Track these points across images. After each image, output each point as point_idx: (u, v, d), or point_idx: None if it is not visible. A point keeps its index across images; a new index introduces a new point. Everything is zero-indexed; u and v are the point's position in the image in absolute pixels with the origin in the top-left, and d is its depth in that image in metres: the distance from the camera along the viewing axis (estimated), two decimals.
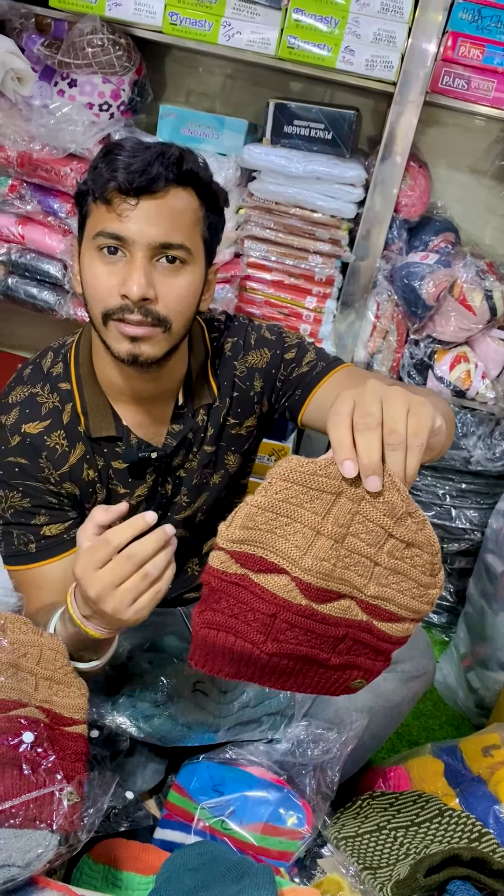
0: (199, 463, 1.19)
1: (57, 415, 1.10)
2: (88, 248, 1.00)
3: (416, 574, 0.79)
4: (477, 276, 1.79)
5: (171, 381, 1.13)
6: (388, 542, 0.78)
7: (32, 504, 1.09)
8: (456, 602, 2.09)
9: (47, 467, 1.09)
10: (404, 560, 0.78)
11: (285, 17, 1.64)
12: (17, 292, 1.92)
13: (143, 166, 0.94)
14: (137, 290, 0.95)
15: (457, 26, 1.62)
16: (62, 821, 0.78)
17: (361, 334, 1.90)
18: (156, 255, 0.98)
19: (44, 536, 1.09)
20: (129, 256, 0.97)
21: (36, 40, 1.77)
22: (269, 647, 0.80)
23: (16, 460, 1.08)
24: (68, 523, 1.11)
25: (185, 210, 0.99)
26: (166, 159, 0.96)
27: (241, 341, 1.21)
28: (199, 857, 0.96)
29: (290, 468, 0.76)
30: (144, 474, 1.15)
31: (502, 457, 1.91)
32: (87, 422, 1.10)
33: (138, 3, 1.69)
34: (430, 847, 1.05)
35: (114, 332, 1.00)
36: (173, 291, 0.99)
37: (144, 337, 0.99)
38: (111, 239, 0.97)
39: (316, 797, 1.08)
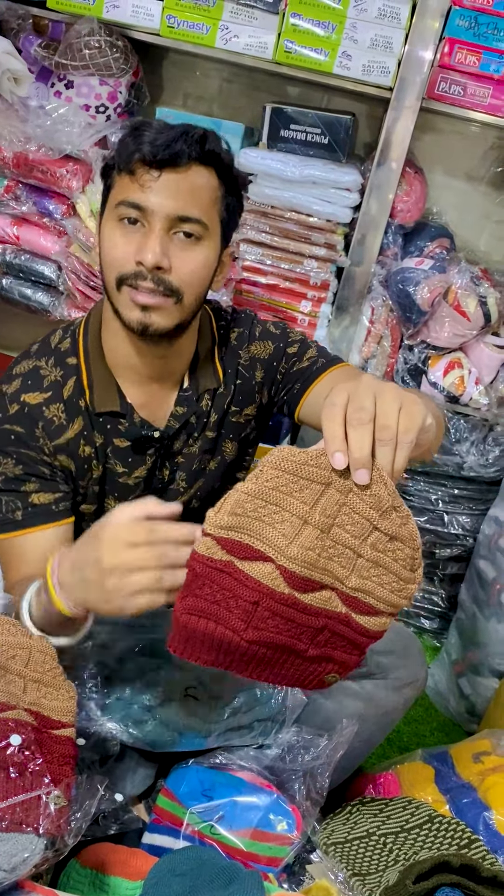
0: (200, 448, 1.19)
1: (58, 388, 1.11)
2: (109, 217, 1.03)
3: (397, 568, 0.80)
4: (471, 282, 1.79)
5: (178, 363, 1.14)
6: (373, 534, 0.78)
7: (24, 472, 1.08)
8: (448, 608, 2.09)
9: (42, 437, 1.09)
10: (387, 553, 0.79)
11: (283, 22, 1.65)
12: (12, 293, 1.92)
13: (167, 141, 0.98)
14: (152, 257, 0.99)
15: (453, 33, 1.63)
16: (49, 825, 0.77)
17: (356, 339, 1.90)
18: (173, 227, 1.01)
19: (31, 504, 1.07)
20: (147, 227, 1.01)
21: (33, 41, 1.77)
22: (249, 634, 0.80)
23: (12, 428, 1.08)
24: (58, 495, 1.09)
25: (205, 187, 1.02)
26: (190, 137, 0.99)
27: (247, 332, 1.22)
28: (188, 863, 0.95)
29: (281, 457, 0.77)
30: (145, 455, 1.15)
31: (495, 462, 1.92)
32: (91, 396, 1.11)
33: (136, 6, 1.69)
34: (420, 853, 1.04)
35: (126, 298, 1.03)
36: (187, 264, 1.02)
37: (155, 306, 1.02)
38: (131, 208, 1.00)
39: (305, 803, 1.07)
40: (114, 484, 1.16)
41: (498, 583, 1.77)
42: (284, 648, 0.82)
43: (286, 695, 1.11)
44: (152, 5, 1.69)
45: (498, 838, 1.12)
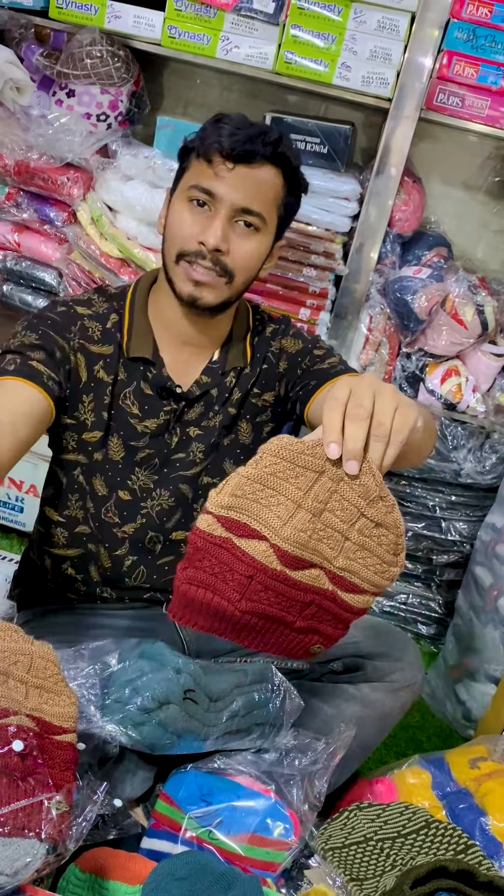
0: (220, 423, 1.25)
1: (103, 317, 1.21)
2: (181, 196, 1.15)
3: (381, 552, 0.87)
4: (469, 291, 1.81)
5: (214, 335, 1.24)
6: (360, 520, 0.85)
7: (39, 343, 1.14)
8: (445, 614, 2.10)
9: (76, 334, 1.18)
10: (372, 538, 0.86)
11: (283, 33, 1.66)
12: (12, 299, 1.93)
13: (246, 138, 1.09)
14: (214, 240, 1.10)
15: (452, 45, 1.65)
16: (51, 830, 0.78)
17: (354, 346, 1.91)
18: (236, 216, 1.12)
19: (27, 364, 1.10)
20: (213, 211, 1.12)
21: (35, 50, 1.79)
22: (243, 605, 0.86)
23: (52, 316, 1.18)
24: (53, 374, 1.12)
25: (270, 185, 1.13)
26: (267, 138, 1.11)
27: (282, 328, 1.32)
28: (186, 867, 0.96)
29: (280, 445, 0.84)
30: (160, 410, 1.22)
31: (492, 469, 1.93)
32: (128, 342, 1.20)
33: (137, 16, 1.71)
34: (417, 858, 1.05)
35: (182, 272, 1.14)
36: (243, 250, 1.13)
37: (208, 284, 1.13)
38: (203, 193, 1.11)
39: (303, 807, 1.08)
40: (123, 422, 1.21)
41: (495, 589, 1.78)
42: (274, 619, 0.88)
43: (284, 699, 1.12)
44: (154, 16, 1.70)
45: (494, 843, 1.12)
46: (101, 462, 1.22)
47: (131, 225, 1.81)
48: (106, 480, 1.23)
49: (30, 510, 2.07)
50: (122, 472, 1.23)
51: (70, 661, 1.07)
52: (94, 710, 1.01)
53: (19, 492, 2.06)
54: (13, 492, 2.06)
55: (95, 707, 1.02)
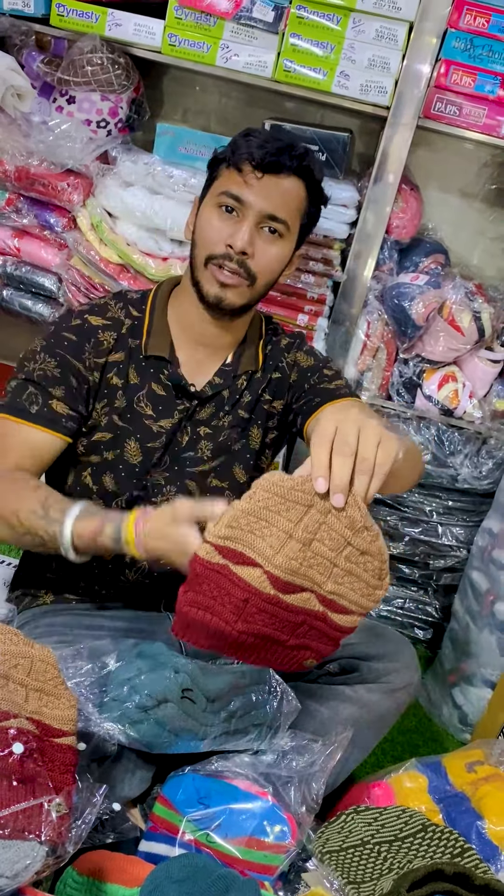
0: (230, 423, 1.30)
1: (117, 324, 1.27)
2: (210, 202, 1.22)
3: (367, 577, 0.94)
4: (466, 298, 1.82)
5: (229, 338, 1.30)
6: (347, 548, 0.92)
7: (60, 376, 1.20)
8: (441, 618, 2.11)
9: (90, 351, 1.23)
10: (358, 565, 0.93)
11: (282, 42, 1.68)
12: (12, 304, 1.94)
13: (275, 150, 1.17)
14: (241, 243, 1.17)
15: (449, 54, 1.66)
16: (50, 832, 0.79)
17: (352, 352, 1.93)
18: (262, 222, 1.20)
19: (48, 406, 1.19)
20: (240, 217, 1.19)
21: (36, 57, 1.80)
22: (239, 626, 0.92)
23: (68, 335, 1.23)
24: (72, 413, 1.21)
25: (295, 196, 1.21)
26: (294, 152, 1.19)
27: (298, 342, 1.39)
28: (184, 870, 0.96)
29: (272, 482, 0.91)
30: (174, 410, 1.26)
31: (488, 475, 1.94)
32: (147, 340, 1.26)
33: (138, 24, 1.72)
34: (414, 862, 1.05)
35: (209, 275, 1.21)
36: (267, 255, 1.21)
37: (233, 285, 1.20)
38: (232, 199, 1.19)
39: (301, 810, 1.08)
40: (139, 425, 1.26)
41: (491, 594, 1.79)
42: (269, 638, 0.95)
43: (281, 700, 1.13)
44: (154, 24, 1.71)
45: (490, 847, 1.13)
46: (113, 461, 1.26)
47: (131, 231, 1.82)
48: (117, 479, 1.27)
49: None
50: (137, 474, 1.27)
51: (69, 661, 1.08)
52: (93, 708, 1.02)
53: None
54: None
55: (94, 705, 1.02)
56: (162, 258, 1.83)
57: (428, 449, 1.93)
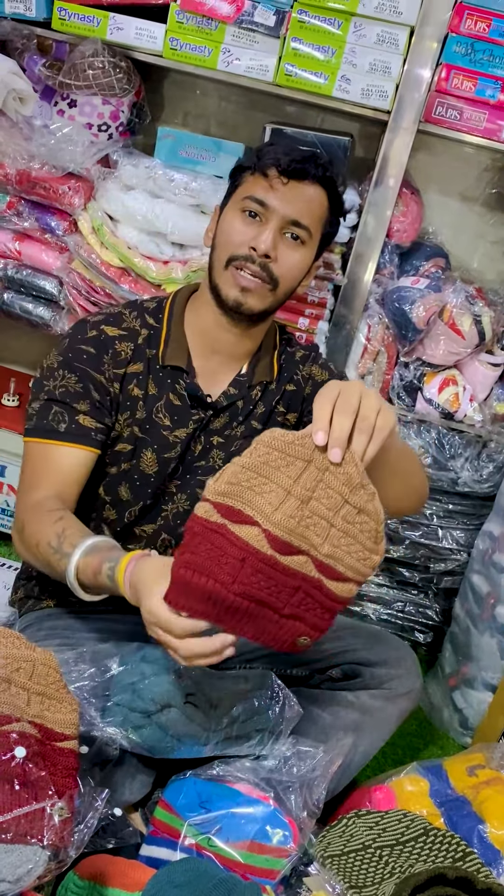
0: (242, 434, 1.30)
1: (134, 334, 1.26)
2: (234, 206, 1.22)
3: (364, 539, 0.95)
4: (466, 301, 1.82)
5: (246, 347, 1.29)
6: (344, 507, 0.93)
7: (83, 391, 1.20)
8: (442, 622, 2.11)
9: (109, 363, 1.23)
10: (355, 525, 0.94)
11: (283, 46, 1.68)
12: (13, 307, 1.94)
13: (300, 157, 1.19)
14: (265, 246, 1.18)
15: (450, 59, 1.66)
16: (52, 836, 0.79)
17: (352, 355, 1.93)
18: (285, 227, 1.20)
19: (76, 423, 1.19)
20: (264, 221, 1.20)
21: (37, 61, 1.80)
22: (235, 587, 0.91)
23: (86, 348, 1.22)
24: (100, 426, 1.22)
25: (318, 203, 1.22)
26: (319, 161, 1.21)
27: (313, 355, 1.39)
28: (186, 874, 0.96)
29: (273, 436, 0.93)
30: (189, 420, 1.27)
31: (489, 478, 1.94)
32: (164, 350, 1.26)
33: (139, 28, 1.72)
34: (415, 866, 1.05)
35: (230, 277, 1.20)
36: (289, 260, 1.21)
37: (254, 289, 1.19)
38: (257, 203, 1.19)
39: (302, 814, 1.08)
40: (157, 435, 1.26)
41: (492, 597, 1.79)
42: (264, 604, 0.93)
43: (283, 706, 1.13)
44: (155, 28, 1.72)
45: (492, 851, 1.13)
46: (129, 471, 1.27)
47: (132, 234, 1.82)
48: (132, 488, 1.28)
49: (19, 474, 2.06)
50: (152, 484, 1.28)
51: (71, 664, 1.08)
52: (95, 712, 1.02)
53: None
54: (11, 499, 2.06)
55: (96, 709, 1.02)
56: (163, 262, 1.83)
57: (428, 452, 1.93)
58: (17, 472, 2.02)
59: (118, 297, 1.85)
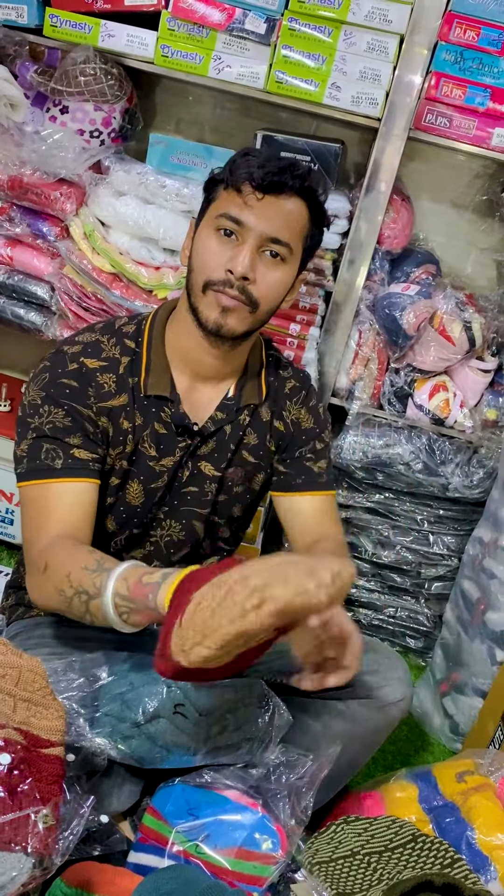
0: (234, 463, 1.28)
1: (115, 364, 1.20)
2: (208, 225, 1.15)
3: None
4: (457, 308, 1.83)
5: (231, 367, 1.25)
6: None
7: (72, 424, 1.15)
8: (432, 627, 2.11)
9: (94, 396, 1.17)
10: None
11: (274, 53, 1.69)
12: (5, 313, 1.94)
13: (276, 169, 1.10)
14: (242, 268, 1.11)
15: (440, 67, 1.68)
16: (37, 843, 0.78)
17: (343, 362, 1.93)
18: (263, 245, 1.13)
19: (72, 457, 1.14)
20: (240, 240, 1.12)
21: (29, 67, 1.80)
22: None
23: (68, 382, 1.16)
24: (95, 456, 1.17)
25: (297, 217, 1.14)
26: (296, 171, 1.12)
27: (304, 394, 1.34)
28: (173, 881, 0.96)
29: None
30: (176, 447, 1.22)
31: (479, 484, 1.95)
32: (146, 379, 1.20)
33: (131, 35, 1.73)
34: (403, 873, 1.05)
35: (210, 300, 1.14)
36: (268, 280, 1.14)
37: (234, 309, 1.13)
38: (231, 221, 1.12)
39: (290, 822, 1.08)
40: (142, 466, 1.22)
41: (482, 603, 1.79)
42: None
43: (273, 714, 1.12)
44: (147, 35, 1.72)
45: (480, 857, 1.13)
46: (114, 504, 1.24)
47: (123, 240, 1.83)
48: (117, 520, 1.26)
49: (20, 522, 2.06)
50: (138, 514, 1.26)
51: (60, 674, 1.07)
52: (84, 722, 1.02)
53: (9, 504, 2.06)
54: (3, 504, 2.06)
55: (85, 720, 1.02)
56: (154, 267, 1.84)
57: (419, 458, 1.94)
58: (8, 477, 2.02)
59: (110, 303, 1.85)
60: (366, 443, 1.94)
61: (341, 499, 2.02)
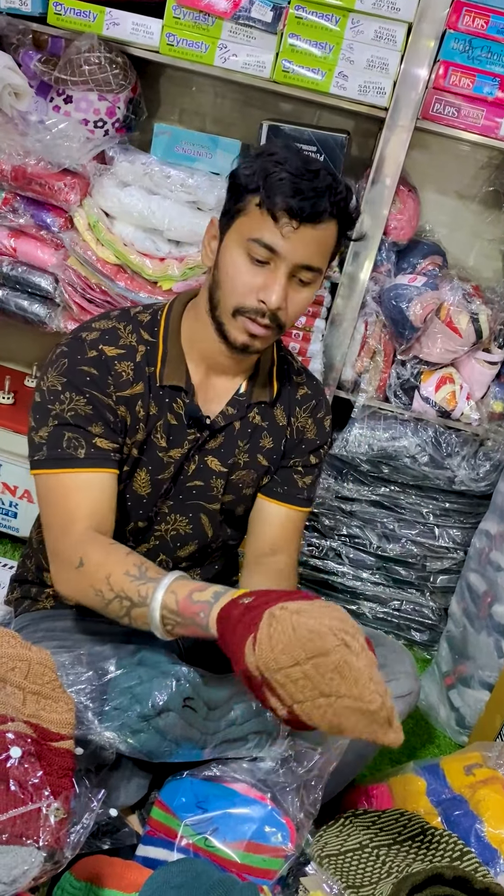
0: (246, 464, 1.27)
1: (132, 351, 1.19)
2: (239, 244, 1.10)
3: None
4: (463, 299, 1.82)
5: (244, 367, 1.25)
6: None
7: (94, 412, 1.14)
8: (438, 620, 2.11)
9: (113, 385, 1.16)
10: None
11: (281, 42, 1.67)
12: (8, 304, 1.93)
13: (314, 197, 1.05)
14: (276, 301, 1.09)
15: (448, 56, 1.66)
16: (48, 837, 0.78)
17: (349, 354, 1.92)
18: (295, 272, 1.11)
19: (94, 446, 1.14)
20: (273, 266, 1.09)
21: (33, 56, 1.79)
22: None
23: (88, 370, 1.15)
24: (115, 446, 1.17)
25: (330, 240, 1.12)
26: (335, 195, 1.08)
27: (314, 402, 1.34)
28: (182, 875, 0.95)
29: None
30: (185, 440, 1.22)
31: (486, 477, 1.94)
32: (161, 369, 1.20)
33: (136, 23, 1.71)
34: (413, 866, 1.05)
35: (239, 325, 1.13)
36: (296, 304, 1.14)
37: (262, 336, 1.14)
38: (265, 249, 1.08)
39: (299, 815, 1.08)
40: (152, 455, 1.22)
41: (488, 596, 1.79)
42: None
43: None
44: (152, 23, 1.71)
45: (490, 850, 1.13)
46: (122, 492, 1.23)
47: (128, 231, 1.82)
48: (122, 510, 1.24)
49: (24, 515, 2.06)
50: (144, 506, 1.25)
51: (69, 667, 1.07)
52: (92, 716, 1.01)
53: (13, 497, 2.05)
54: (7, 497, 2.05)
55: (94, 714, 1.01)
56: (159, 258, 1.82)
57: (425, 451, 1.93)
58: (12, 469, 2.02)
59: (114, 295, 1.84)
60: (371, 435, 1.93)
61: (346, 491, 2.02)
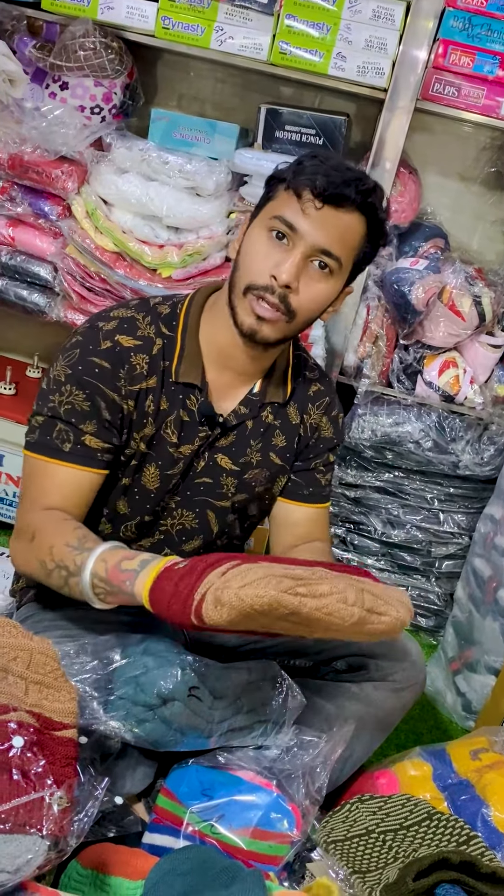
0: (259, 463, 1.26)
1: (149, 343, 1.18)
2: (261, 224, 1.12)
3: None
4: (466, 282, 1.80)
5: (261, 366, 1.23)
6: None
7: (90, 410, 1.13)
8: (444, 606, 2.10)
9: (124, 378, 1.15)
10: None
11: (277, 23, 1.65)
12: (7, 294, 1.92)
13: (341, 181, 1.07)
14: (286, 276, 1.08)
15: (447, 34, 1.64)
16: (52, 826, 0.78)
17: (352, 339, 1.91)
18: (312, 255, 1.09)
19: (82, 443, 1.14)
20: (291, 246, 1.09)
21: (28, 42, 1.77)
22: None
23: (100, 362, 1.14)
24: (107, 446, 1.16)
25: (354, 232, 1.11)
26: (361, 185, 1.08)
27: (327, 399, 1.32)
28: (189, 862, 0.95)
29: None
30: (195, 437, 1.21)
31: (490, 461, 1.93)
32: (178, 366, 1.19)
33: (131, 7, 1.69)
34: (419, 851, 1.05)
35: (247, 305, 1.12)
36: (311, 292, 1.11)
37: (269, 319, 1.11)
38: (285, 225, 1.08)
39: (305, 802, 1.08)
40: (162, 451, 1.21)
41: (494, 580, 1.78)
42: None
43: (286, 696, 1.12)
44: (147, 7, 1.69)
45: (496, 834, 1.13)
46: (129, 486, 1.23)
47: (126, 218, 1.80)
48: (131, 503, 1.24)
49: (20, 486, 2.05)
50: (152, 500, 1.24)
51: (73, 656, 1.07)
52: (98, 705, 1.01)
53: (16, 488, 2.05)
54: (10, 487, 2.05)
55: (99, 703, 1.01)
56: (158, 245, 1.81)
57: (429, 436, 1.92)
58: (14, 460, 2.01)
59: (113, 283, 1.83)
60: (375, 421, 1.92)
61: (350, 478, 2.01)
